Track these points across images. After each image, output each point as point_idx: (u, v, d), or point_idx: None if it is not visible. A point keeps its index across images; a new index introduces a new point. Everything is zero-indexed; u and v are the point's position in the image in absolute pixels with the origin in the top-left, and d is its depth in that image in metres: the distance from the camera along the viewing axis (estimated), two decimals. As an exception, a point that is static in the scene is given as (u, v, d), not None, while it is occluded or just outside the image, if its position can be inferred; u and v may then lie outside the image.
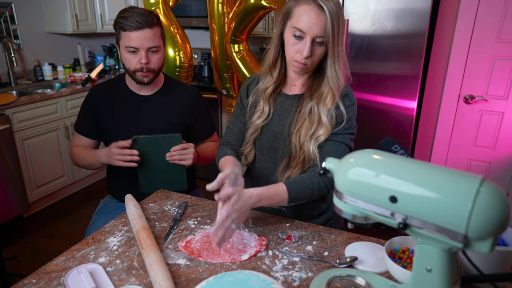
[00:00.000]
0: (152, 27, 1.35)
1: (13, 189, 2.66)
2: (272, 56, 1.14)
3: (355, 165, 0.68)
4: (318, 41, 1.03)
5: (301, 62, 1.06)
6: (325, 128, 1.09)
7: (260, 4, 2.35)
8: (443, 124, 2.40)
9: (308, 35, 1.02)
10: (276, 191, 1.04)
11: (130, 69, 1.39)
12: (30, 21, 3.32)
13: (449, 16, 2.28)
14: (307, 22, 1.01)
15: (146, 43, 1.34)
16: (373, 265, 0.93)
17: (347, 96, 1.13)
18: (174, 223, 1.12)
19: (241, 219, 0.97)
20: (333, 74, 1.07)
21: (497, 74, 2.17)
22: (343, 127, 1.11)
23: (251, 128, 1.22)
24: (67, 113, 3.05)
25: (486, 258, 0.81)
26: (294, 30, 1.04)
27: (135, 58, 1.37)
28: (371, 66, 2.39)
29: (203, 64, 3.67)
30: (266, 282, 0.68)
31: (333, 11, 1.00)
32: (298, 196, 1.06)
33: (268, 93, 1.18)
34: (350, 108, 1.12)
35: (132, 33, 1.32)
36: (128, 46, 1.34)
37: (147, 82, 1.42)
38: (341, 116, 1.11)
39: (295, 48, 1.06)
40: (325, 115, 1.09)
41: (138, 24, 1.31)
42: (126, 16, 1.33)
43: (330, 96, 1.09)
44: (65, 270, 0.90)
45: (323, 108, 1.09)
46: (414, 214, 0.61)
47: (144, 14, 1.33)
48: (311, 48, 1.03)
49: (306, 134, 1.11)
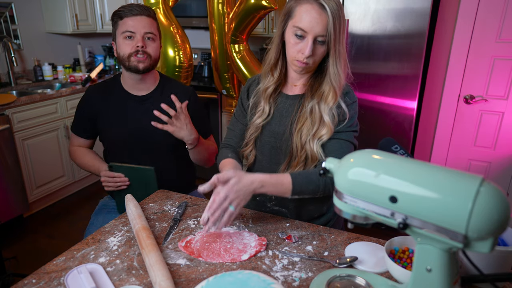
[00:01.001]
0: (149, 17, 1.40)
1: (13, 189, 2.66)
2: (273, 56, 1.15)
3: (355, 165, 0.68)
4: (319, 40, 1.03)
5: (302, 62, 1.06)
6: (327, 127, 1.09)
7: (260, 4, 2.35)
8: (443, 124, 2.40)
9: (309, 34, 1.02)
10: (281, 180, 1.03)
11: (125, 55, 1.39)
12: (30, 21, 3.32)
13: (449, 16, 2.28)
14: (308, 21, 1.01)
15: (142, 28, 1.37)
16: (373, 265, 0.93)
17: (348, 94, 1.13)
18: (174, 223, 1.12)
19: (241, 202, 0.97)
20: (335, 72, 1.08)
21: (497, 74, 2.17)
22: (345, 125, 1.11)
23: (252, 128, 1.21)
24: (67, 113, 3.05)
25: (486, 258, 0.81)
26: (295, 30, 1.04)
27: (131, 43, 1.38)
28: (371, 66, 2.39)
29: (203, 64, 3.67)
30: (266, 282, 0.68)
31: (334, 10, 1.00)
32: (302, 189, 1.05)
33: (269, 93, 1.18)
34: (352, 106, 1.12)
35: (129, 18, 1.36)
36: (125, 31, 1.36)
37: (142, 68, 1.40)
38: (343, 114, 1.11)
39: (297, 48, 1.06)
40: (327, 114, 1.09)
41: (135, 11, 1.36)
42: (124, 6, 1.39)
43: (332, 95, 1.09)
44: (65, 270, 0.90)
45: (325, 106, 1.09)
46: (414, 214, 0.61)
47: (141, 6, 1.39)
48: (312, 47, 1.04)
49: (308, 133, 1.10)
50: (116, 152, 1.52)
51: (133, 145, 1.48)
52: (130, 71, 1.42)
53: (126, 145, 1.49)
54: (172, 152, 1.51)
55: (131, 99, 1.49)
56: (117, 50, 1.41)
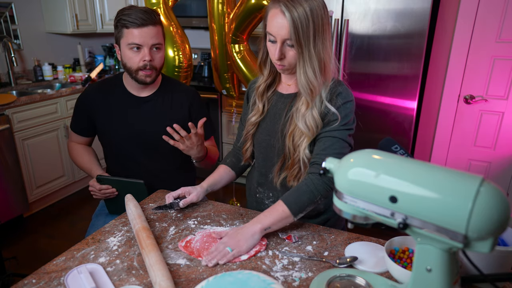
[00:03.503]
0: (155, 25, 1.34)
1: (13, 189, 2.66)
2: (260, 57, 1.18)
3: (355, 165, 0.68)
4: (288, 43, 1.04)
5: (278, 64, 1.09)
6: (305, 134, 1.09)
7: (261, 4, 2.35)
8: (443, 124, 2.40)
9: (277, 38, 1.04)
10: (279, 215, 1.03)
11: (132, 68, 1.37)
12: (30, 21, 3.32)
13: (449, 16, 2.28)
14: (274, 27, 1.03)
15: (150, 40, 1.33)
16: (373, 265, 0.93)
17: (340, 95, 1.10)
18: (171, 206, 1.14)
19: (242, 245, 0.99)
20: (301, 77, 1.06)
21: (497, 74, 2.17)
22: (338, 124, 1.09)
23: (248, 125, 1.25)
24: (67, 113, 3.05)
25: (486, 258, 0.81)
26: (268, 34, 1.07)
27: (138, 56, 1.35)
28: (371, 66, 2.39)
29: (203, 64, 3.67)
30: (266, 282, 0.68)
31: (297, 15, 0.99)
32: (299, 205, 1.04)
33: (261, 91, 1.21)
34: (344, 107, 1.10)
35: (135, 30, 1.31)
36: (132, 43, 1.32)
37: (150, 81, 1.41)
38: (332, 115, 1.09)
39: (271, 51, 1.08)
40: (300, 121, 1.09)
41: (142, 21, 1.30)
42: (128, 13, 1.31)
43: (304, 102, 1.09)
44: (65, 270, 0.90)
45: (298, 113, 1.10)
46: (414, 214, 0.61)
47: (147, 12, 1.33)
48: (284, 51, 1.05)
49: (300, 137, 1.11)
50: (116, 152, 1.52)
51: (133, 146, 1.48)
52: (137, 82, 1.41)
53: (126, 145, 1.48)
54: (172, 153, 1.51)
55: (132, 100, 1.48)
56: (122, 58, 1.39)
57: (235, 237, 0.98)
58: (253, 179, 1.32)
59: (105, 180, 1.39)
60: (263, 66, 1.20)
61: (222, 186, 1.30)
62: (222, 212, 1.20)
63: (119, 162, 1.53)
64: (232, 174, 1.32)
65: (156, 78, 1.44)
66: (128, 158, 1.50)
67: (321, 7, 1.03)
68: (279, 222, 1.03)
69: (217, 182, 1.27)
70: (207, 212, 1.20)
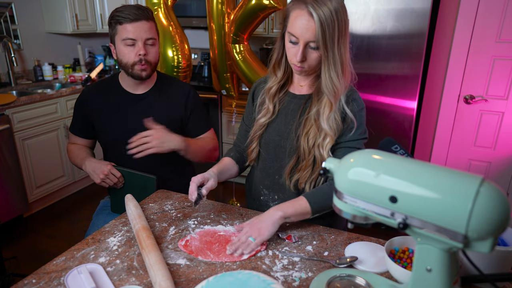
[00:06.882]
0: (148, 20, 1.37)
1: (13, 189, 2.65)
2: (275, 57, 1.15)
3: (355, 165, 0.68)
4: (311, 46, 1.03)
5: (297, 66, 1.07)
6: (329, 136, 1.09)
7: (262, 4, 2.34)
8: (443, 124, 2.40)
9: (300, 40, 1.02)
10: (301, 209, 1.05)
11: (128, 63, 1.38)
12: (30, 21, 3.32)
13: (449, 16, 2.28)
14: (298, 28, 1.01)
15: (143, 34, 1.35)
16: (373, 265, 0.93)
17: (355, 101, 1.12)
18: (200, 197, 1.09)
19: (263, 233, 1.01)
20: (327, 80, 1.06)
21: (497, 74, 2.17)
22: (354, 133, 1.11)
23: (256, 126, 1.23)
24: (67, 113, 3.05)
25: (486, 258, 0.81)
26: (289, 35, 1.05)
27: (132, 51, 1.36)
28: (371, 66, 2.39)
29: (203, 64, 3.67)
30: (266, 282, 0.68)
31: (323, 16, 0.98)
32: (321, 207, 1.07)
33: (272, 93, 1.19)
34: (360, 114, 1.11)
35: (129, 24, 1.33)
36: (126, 38, 1.34)
37: (145, 76, 1.41)
38: (351, 122, 1.10)
39: (292, 52, 1.06)
40: (326, 123, 1.09)
41: (135, 16, 1.33)
42: (121, 10, 1.35)
43: (327, 103, 1.09)
44: (65, 270, 0.90)
45: (323, 116, 1.09)
46: (414, 214, 0.61)
47: (139, 8, 1.36)
48: (305, 53, 1.04)
49: (315, 138, 1.11)
50: (115, 151, 1.52)
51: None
52: (133, 78, 1.43)
53: (124, 143, 1.48)
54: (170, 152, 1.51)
55: (129, 98, 1.49)
56: (118, 55, 1.41)
57: (256, 226, 1.00)
58: (256, 180, 1.29)
59: (118, 170, 1.39)
60: (277, 67, 1.17)
61: (227, 179, 1.26)
62: (222, 212, 1.20)
63: (118, 161, 1.53)
64: (236, 169, 1.30)
65: (152, 74, 1.45)
66: (126, 156, 1.49)
67: (344, 7, 1.03)
68: (299, 215, 1.05)
69: (225, 171, 1.23)
70: (207, 212, 1.20)
